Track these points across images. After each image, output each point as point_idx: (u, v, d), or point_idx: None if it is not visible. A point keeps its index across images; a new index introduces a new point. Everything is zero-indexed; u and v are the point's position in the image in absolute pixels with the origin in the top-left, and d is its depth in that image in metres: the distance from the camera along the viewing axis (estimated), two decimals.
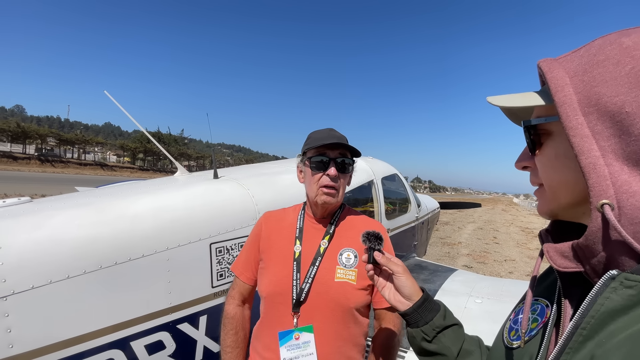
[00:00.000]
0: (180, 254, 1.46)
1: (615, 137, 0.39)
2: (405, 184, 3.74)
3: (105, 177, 38.23)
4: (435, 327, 0.71)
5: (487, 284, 2.76)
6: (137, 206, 1.47)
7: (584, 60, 0.43)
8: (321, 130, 1.21)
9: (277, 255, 1.13)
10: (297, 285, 1.05)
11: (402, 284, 0.76)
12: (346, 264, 1.08)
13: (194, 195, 1.69)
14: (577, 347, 0.39)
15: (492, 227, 17.03)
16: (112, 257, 1.27)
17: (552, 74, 0.44)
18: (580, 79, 0.42)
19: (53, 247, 1.17)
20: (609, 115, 0.39)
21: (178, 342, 1.44)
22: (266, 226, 1.20)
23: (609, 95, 0.39)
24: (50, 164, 48.80)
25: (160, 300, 1.39)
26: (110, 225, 1.33)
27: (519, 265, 8.52)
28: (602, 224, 0.39)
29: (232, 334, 1.18)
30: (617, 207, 0.38)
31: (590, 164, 0.39)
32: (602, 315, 0.37)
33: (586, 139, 0.40)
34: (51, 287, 1.13)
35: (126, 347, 1.29)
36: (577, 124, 0.41)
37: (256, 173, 2.20)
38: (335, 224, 1.16)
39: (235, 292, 1.22)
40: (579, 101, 0.41)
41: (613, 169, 0.39)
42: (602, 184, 0.39)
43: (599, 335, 0.37)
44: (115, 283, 1.28)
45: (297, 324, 1.03)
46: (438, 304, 0.76)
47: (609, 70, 0.40)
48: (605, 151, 0.39)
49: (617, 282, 0.37)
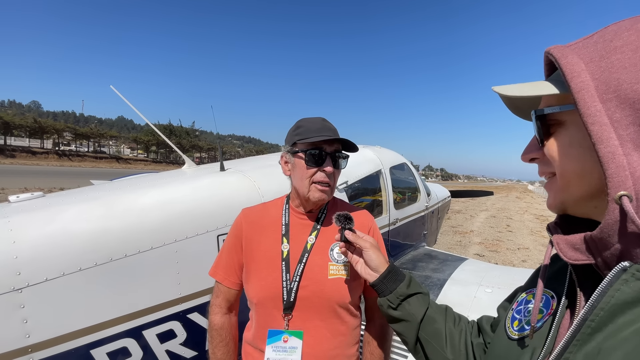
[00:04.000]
0: (188, 246, 1.49)
1: (634, 126, 0.37)
2: (414, 173, 3.70)
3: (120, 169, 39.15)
4: (399, 296, 0.78)
5: (498, 273, 2.72)
6: (145, 199, 1.50)
7: (600, 46, 0.41)
8: (313, 120, 1.10)
9: (263, 257, 1.06)
10: (287, 286, 1.01)
11: (369, 258, 0.84)
12: (338, 259, 1.04)
13: (201, 188, 1.71)
14: (584, 339, 0.38)
15: (506, 215, 16.75)
16: (121, 249, 1.31)
17: (567, 60, 0.42)
18: (597, 65, 0.40)
19: (65, 241, 1.21)
20: (629, 103, 0.37)
21: (189, 331, 1.48)
22: (247, 225, 1.11)
23: (629, 82, 0.37)
24: (68, 158, 50.23)
25: (170, 291, 1.43)
26: (119, 218, 1.36)
27: (532, 253, 8.38)
28: (620, 216, 0.38)
29: (222, 345, 1.11)
30: (635, 199, 0.37)
31: (609, 153, 0.38)
32: (612, 307, 0.37)
33: (605, 127, 0.38)
34: (64, 279, 1.17)
35: (139, 335, 1.33)
36: (596, 111, 0.39)
37: (262, 165, 2.20)
38: (323, 218, 1.11)
39: (221, 300, 1.12)
40: (597, 88, 0.39)
41: (632, 159, 0.37)
42: (620, 174, 0.37)
43: (607, 328, 0.36)
44: (126, 274, 1.31)
45: (288, 326, 1.00)
46: (403, 274, 0.82)
47: (628, 57, 0.38)
48: (623, 140, 0.38)
49: (629, 274, 0.37)
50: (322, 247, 1.07)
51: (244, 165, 2.18)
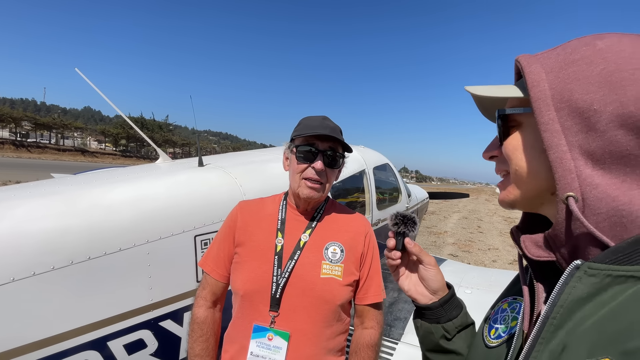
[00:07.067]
0: (162, 247, 1.36)
1: (582, 133, 0.41)
2: (396, 174, 3.70)
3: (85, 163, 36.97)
4: (457, 325, 0.68)
5: (476, 274, 2.77)
6: (113, 195, 1.35)
7: (560, 58, 0.44)
8: (313, 118, 1.10)
9: (256, 249, 1.03)
10: (277, 281, 0.98)
11: (431, 277, 0.71)
12: (332, 259, 1.02)
13: (177, 184, 1.57)
14: (548, 336, 0.40)
15: (476, 217, 17.42)
16: (84, 251, 1.16)
17: (530, 69, 0.46)
18: (555, 75, 0.44)
19: (15, 241, 1.05)
20: (579, 112, 0.41)
21: (160, 340, 1.35)
22: (242, 216, 1.09)
23: (580, 93, 0.41)
24: (27, 149, 46.76)
25: (140, 297, 1.29)
26: (82, 216, 1.21)
27: (502, 254, 8.75)
28: (568, 215, 0.41)
29: (202, 340, 1.05)
30: (581, 199, 0.41)
31: (557, 158, 0.42)
32: (570, 304, 0.39)
33: (556, 134, 0.42)
34: (15, 286, 1.01)
35: (103, 347, 1.19)
36: (549, 120, 0.42)
37: (244, 161, 2.09)
38: (319, 217, 1.09)
39: (206, 293, 1.09)
40: (553, 96, 0.43)
41: (578, 163, 0.41)
42: (567, 177, 0.41)
43: (567, 324, 0.39)
44: (90, 279, 1.17)
45: (274, 324, 0.96)
46: (461, 301, 0.73)
47: (582, 69, 0.41)
48: (572, 146, 0.41)
49: (582, 272, 0.39)
50: (316, 245, 1.03)
51: (224, 161, 2.05)
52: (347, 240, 1.06)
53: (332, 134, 1.00)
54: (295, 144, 1.04)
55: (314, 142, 1.02)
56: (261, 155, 2.34)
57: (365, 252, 1.07)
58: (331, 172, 1.06)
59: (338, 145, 1.05)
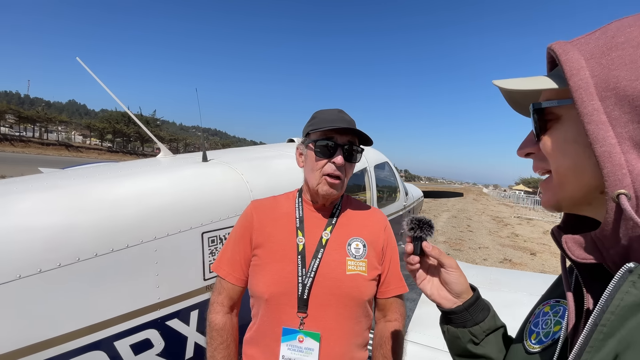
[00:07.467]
0: (169, 244, 1.32)
1: (633, 124, 0.37)
2: (395, 173, 3.71)
3: (70, 158, 35.98)
4: (485, 329, 0.64)
5: (475, 273, 2.79)
6: (118, 190, 1.30)
7: (601, 42, 0.41)
8: (329, 111, 1.07)
9: (277, 250, 0.99)
10: (303, 281, 0.95)
11: (454, 280, 0.67)
12: (356, 255, 1.00)
13: (183, 180, 1.53)
14: (597, 345, 0.37)
15: (465, 216, 17.71)
16: (91, 248, 1.11)
17: (567, 56, 0.42)
18: (597, 62, 0.40)
19: (20, 237, 1.00)
20: (628, 100, 0.37)
21: (167, 340, 1.31)
22: (258, 216, 1.04)
23: (628, 79, 0.37)
24: (10, 142, 45.23)
25: (147, 296, 1.25)
26: (88, 212, 1.16)
27: (492, 252, 8.91)
28: (618, 214, 0.38)
29: (223, 347, 1.01)
30: (634, 197, 0.37)
31: (605, 152, 0.38)
32: (622, 310, 0.36)
33: (602, 126, 0.38)
34: (20, 283, 0.96)
35: (109, 347, 1.15)
36: (593, 110, 0.39)
37: (248, 157, 2.05)
38: (338, 213, 1.07)
39: (223, 298, 1.04)
40: (596, 85, 0.39)
41: (630, 157, 0.37)
42: (617, 173, 0.37)
43: (620, 333, 0.36)
44: (96, 277, 1.12)
45: (303, 325, 0.94)
46: (487, 304, 0.69)
47: (629, 53, 0.38)
48: (622, 138, 0.38)
49: (635, 275, 0.36)
50: (339, 242, 1.01)
51: (228, 156, 2.01)
52: (367, 235, 1.04)
53: (350, 126, 0.98)
54: (312, 138, 1.01)
55: (333, 135, 0.99)
56: (264, 152, 2.30)
57: (386, 246, 1.06)
58: (350, 167, 1.04)
59: (355, 138, 1.03)
